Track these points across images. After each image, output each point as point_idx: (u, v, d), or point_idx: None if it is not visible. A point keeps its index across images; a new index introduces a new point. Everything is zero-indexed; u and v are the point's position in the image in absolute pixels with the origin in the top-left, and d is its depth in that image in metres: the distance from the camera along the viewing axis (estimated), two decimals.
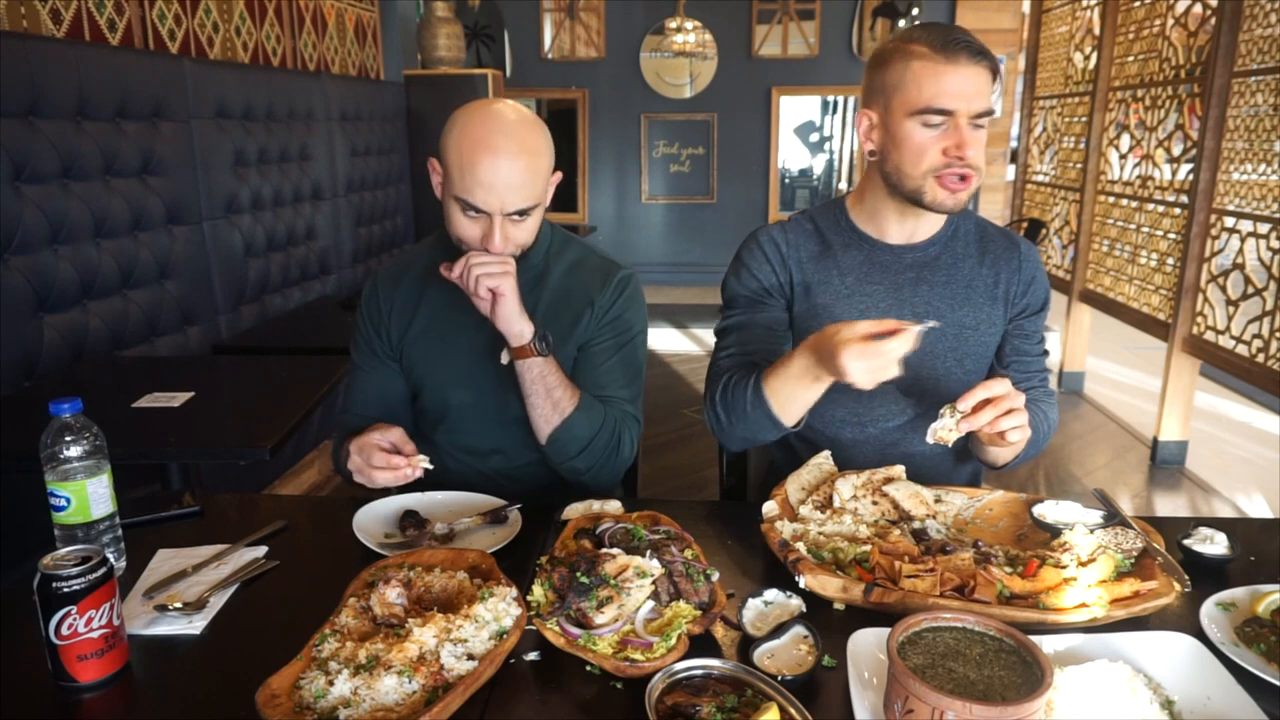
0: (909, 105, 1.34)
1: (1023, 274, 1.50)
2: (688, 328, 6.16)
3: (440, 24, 4.92)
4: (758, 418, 1.36)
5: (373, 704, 0.86)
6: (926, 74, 1.32)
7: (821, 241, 1.51)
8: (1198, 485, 3.63)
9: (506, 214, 1.34)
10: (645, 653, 0.93)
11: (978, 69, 1.31)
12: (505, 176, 1.31)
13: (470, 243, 1.37)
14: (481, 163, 1.30)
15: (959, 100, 1.31)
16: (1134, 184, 4.19)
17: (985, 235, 1.52)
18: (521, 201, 1.34)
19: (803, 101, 7.27)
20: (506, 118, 1.34)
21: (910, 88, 1.33)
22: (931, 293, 1.47)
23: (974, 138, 1.33)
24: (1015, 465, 1.49)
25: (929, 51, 1.32)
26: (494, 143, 1.31)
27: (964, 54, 1.30)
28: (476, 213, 1.34)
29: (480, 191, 1.31)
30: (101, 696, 0.93)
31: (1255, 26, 3.27)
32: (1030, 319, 1.52)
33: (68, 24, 2.53)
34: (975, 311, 1.48)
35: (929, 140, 1.34)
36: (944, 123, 1.33)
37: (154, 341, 2.69)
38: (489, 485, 1.44)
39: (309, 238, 3.77)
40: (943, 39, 1.31)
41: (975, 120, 1.33)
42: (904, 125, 1.35)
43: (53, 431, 1.08)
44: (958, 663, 0.84)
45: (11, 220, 2.15)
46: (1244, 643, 0.98)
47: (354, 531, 1.23)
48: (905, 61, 1.34)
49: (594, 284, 1.52)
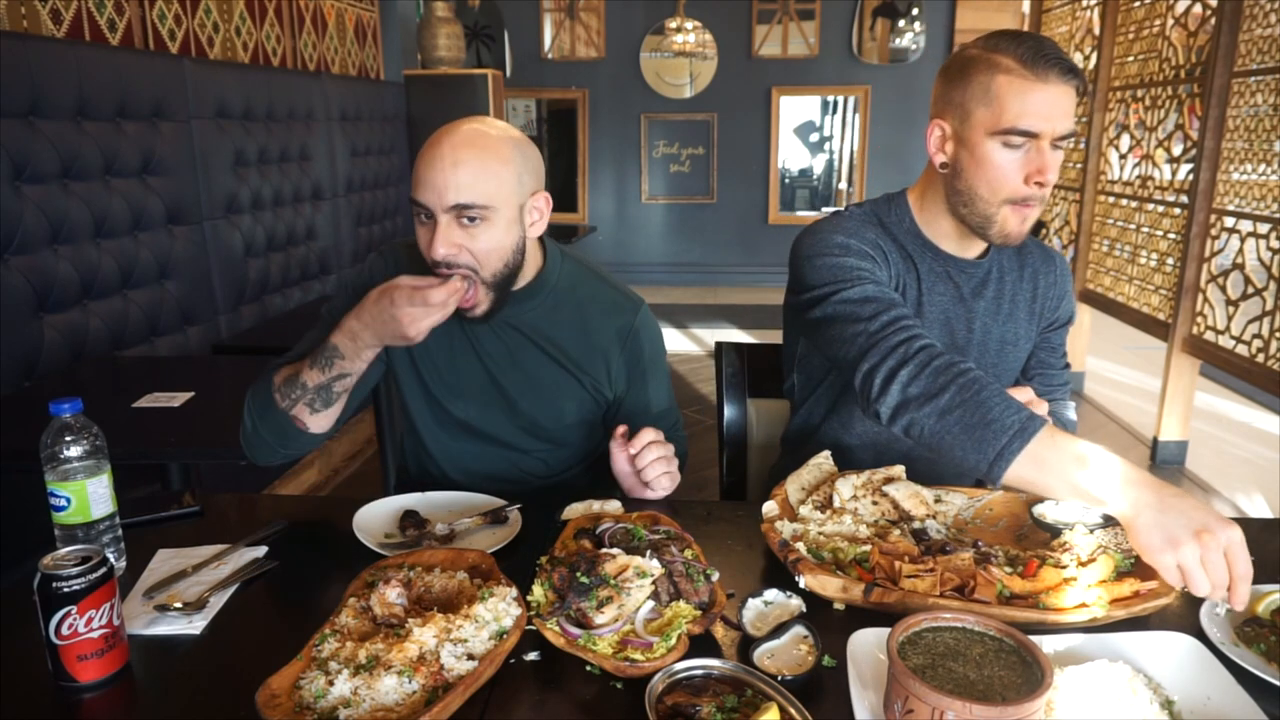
0: (992, 123, 1.25)
1: (1057, 289, 1.49)
2: (688, 328, 6.16)
3: (440, 24, 4.92)
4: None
5: (373, 704, 0.86)
6: (1013, 91, 1.23)
7: (891, 239, 1.41)
8: (1198, 485, 3.63)
9: (448, 209, 1.24)
10: (645, 653, 0.93)
11: (1066, 88, 1.23)
12: (447, 170, 1.23)
13: (424, 252, 1.29)
14: (426, 159, 1.26)
15: (1045, 121, 1.23)
16: (1134, 184, 4.19)
17: (1023, 247, 1.49)
18: (465, 197, 1.24)
19: (803, 101, 7.27)
20: (471, 125, 1.29)
21: (995, 104, 1.24)
22: (983, 307, 1.44)
23: (1054, 161, 1.26)
24: None
25: (1017, 66, 1.23)
26: (445, 139, 1.26)
27: (1055, 71, 1.22)
28: (427, 216, 1.27)
29: (422, 187, 1.25)
30: (101, 696, 0.93)
31: (1255, 26, 3.27)
32: (1057, 332, 1.52)
33: (68, 24, 2.53)
34: (1015, 327, 1.47)
35: (1010, 163, 1.26)
36: (1026, 144, 1.25)
37: (154, 341, 2.69)
38: (489, 489, 1.44)
39: (309, 238, 3.77)
40: (1033, 53, 1.22)
41: (1057, 142, 1.26)
42: (984, 144, 1.27)
43: (53, 431, 1.08)
44: (958, 663, 0.84)
45: (11, 220, 2.15)
46: (1244, 643, 0.98)
47: (354, 531, 1.23)
48: (990, 74, 1.25)
49: (611, 327, 1.47)
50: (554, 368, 1.46)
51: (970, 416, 1.09)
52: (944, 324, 1.41)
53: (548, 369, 1.46)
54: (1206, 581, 0.94)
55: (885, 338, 1.21)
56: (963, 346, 1.43)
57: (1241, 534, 0.94)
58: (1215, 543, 0.93)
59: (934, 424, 1.12)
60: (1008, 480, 1.07)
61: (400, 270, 1.34)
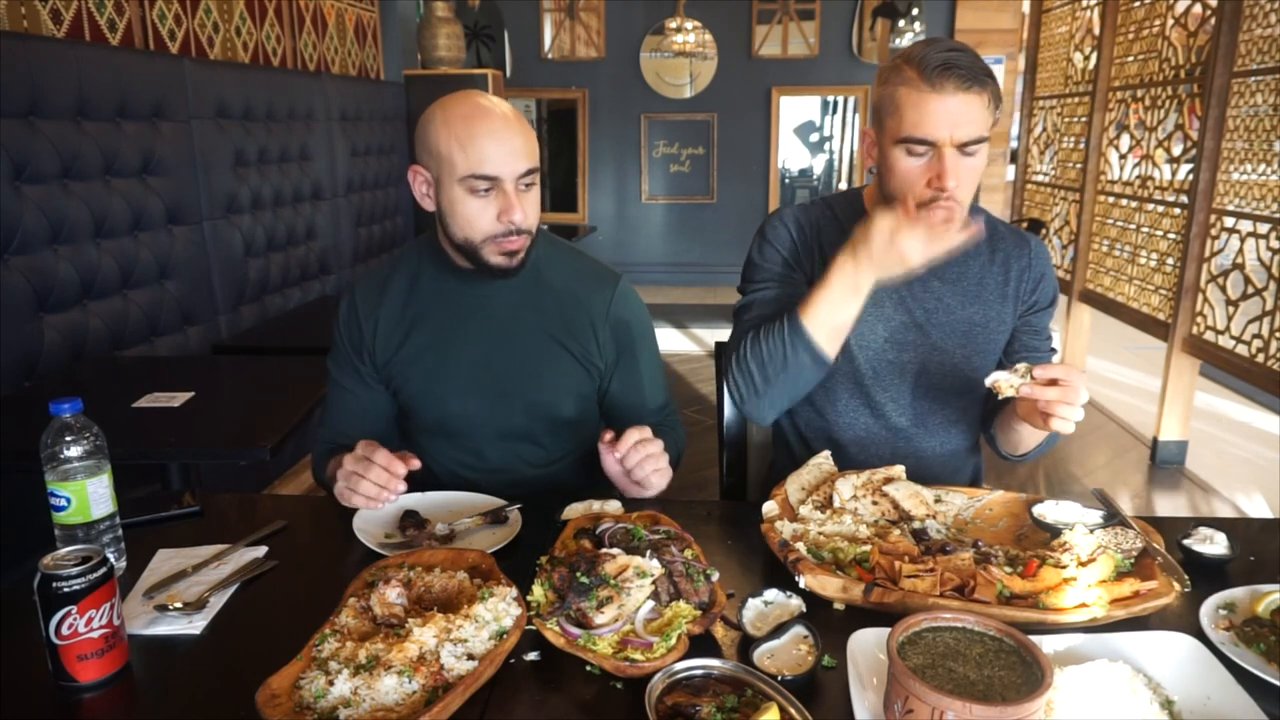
0: (895, 131, 1.32)
1: (1033, 271, 1.50)
2: (688, 328, 6.16)
3: (440, 24, 4.91)
4: (797, 358, 1.33)
5: (373, 704, 0.86)
6: (910, 101, 1.29)
7: (841, 231, 1.47)
8: (1198, 485, 3.63)
9: (520, 175, 1.33)
10: (645, 653, 0.93)
11: (965, 96, 1.27)
12: (515, 138, 1.32)
13: (487, 227, 1.35)
14: (481, 130, 1.31)
15: (942, 130, 1.27)
16: (1134, 184, 4.19)
17: (995, 233, 1.52)
18: (528, 162, 1.33)
19: (803, 101, 7.27)
20: (485, 96, 1.36)
21: (897, 113, 1.31)
22: (943, 289, 1.48)
23: (961, 166, 1.30)
24: (1029, 459, 1.49)
25: (916, 76, 1.28)
26: (486, 108, 1.33)
27: (951, 81, 1.26)
28: (488, 186, 1.33)
29: (489, 160, 1.31)
30: (101, 696, 0.93)
31: (1255, 26, 3.27)
32: (1038, 315, 1.52)
33: (68, 24, 2.53)
34: (985, 309, 1.48)
35: (913, 169, 1.32)
36: (928, 151, 1.30)
37: (154, 341, 2.69)
38: (491, 491, 1.44)
39: (309, 238, 3.77)
40: (932, 62, 1.27)
41: (965, 148, 1.30)
42: (892, 151, 1.33)
43: (53, 431, 1.08)
44: (958, 663, 0.84)
45: (11, 220, 2.15)
46: (1244, 643, 0.98)
47: (354, 531, 1.23)
48: (895, 84, 1.31)
49: (595, 300, 1.51)
50: (543, 340, 1.48)
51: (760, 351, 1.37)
52: (898, 302, 1.46)
53: (536, 342, 1.47)
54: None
55: (736, 345, 1.42)
56: (922, 325, 1.47)
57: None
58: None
59: (750, 371, 1.39)
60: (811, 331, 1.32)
61: (370, 301, 1.48)
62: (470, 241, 1.37)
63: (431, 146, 1.34)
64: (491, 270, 1.40)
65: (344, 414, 1.52)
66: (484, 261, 1.39)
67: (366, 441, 1.30)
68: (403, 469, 1.26)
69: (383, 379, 1.50)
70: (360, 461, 1.27)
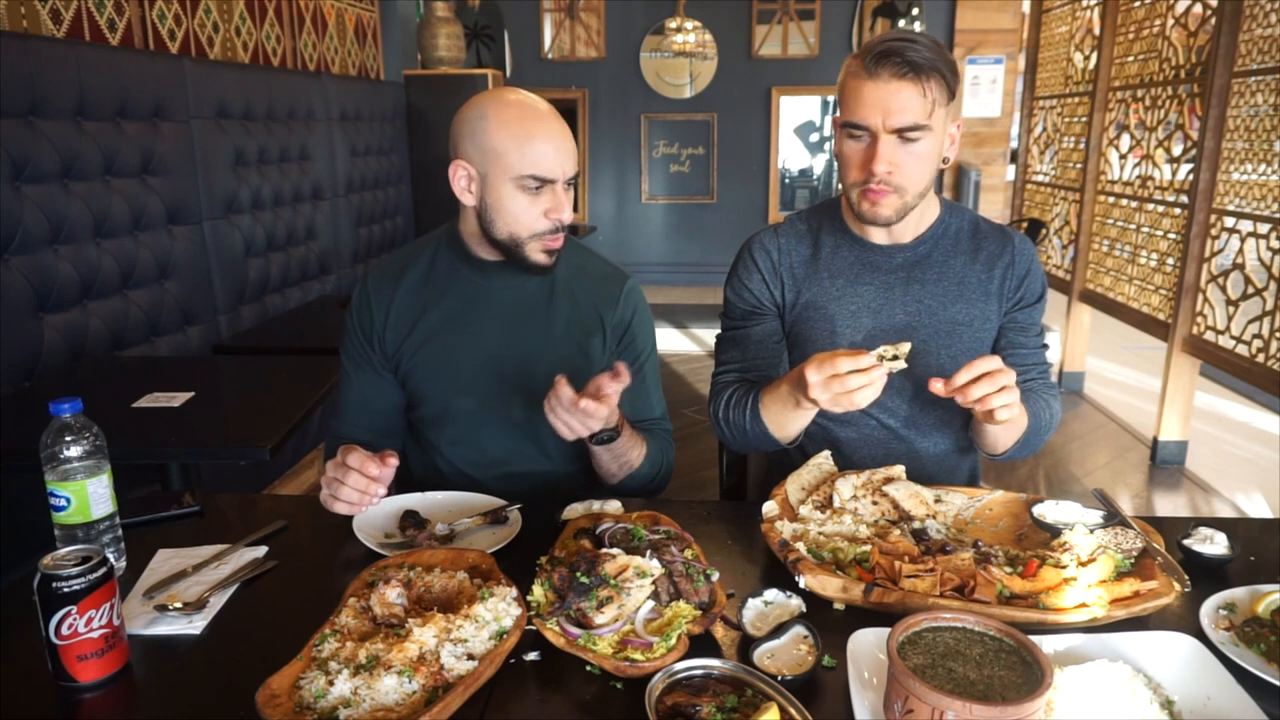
0: (840, 117, 1.38)
1: (1016, 267, 1.50)
2: (688, 328, 6.15)
3: (440, 24, 4.92)
4: (758, 436, 1.44)
5: (373, 704, 0.86)
6: (849, 88, 1.35)
7: (814, 244, 1.52)
8: (1198, 485, 3.63)
9: (570, 177, 1.38)
10: (645, 653, 0.93)
11: (900, 83, 1.30)
12: (564, 140, 1.36)
13: (534, 225, 1.38)
14: (539, 132, 1.34)
15: (874, 115, 1.31)
16: (1134, 184, 4.19)
17: (979, 232, 1.52)
18: (575, 165, 1.39)
19: (803, 101, 7.26)
20: (531, 95, 1.40)
21: (841, 100, 1.37)
22: (923, 290, 1.48)
23: (897, 153, 1.33)
24: (1017, 456, 1.48)
25: (857, 65, 1.33)
26: (542, 110, 1.37)
27: (887, 69, 1.30)
28: (539, 187, 1.36)
29: (548, 161, 1.34)
30: (101, 696, 0.93)
31: (1255, 26, 3.27)
32: (1025, 311, 1.52)
33: (68, 24, 2.53)
34: (968, 308, 1.48)
35: (852, 153, 1.37)
36: (864, 136, 1.34)
37: (154, 341, 2.69)
38: (491, 488, 1.44)
39: (309, 238, 3.77)
40: (875, 51, 1.31)
41: (905, 134, 1.32)
42: (837, 135, 1.39)
43: (53, 431, 1.08)
44: (958, 663, 0.84)
45: (11, 220, 2.15)
46: (1244, 643, 0.98)
47: (354, 531, 1.23)
48: (844, 73, 1.38)
49: (603, 298, 1.52)
50: (549, 335, 1.48)
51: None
52: (874, 311, 1.48)
53: (543, 337, 1.48)
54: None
55: (715, 400, 1.51)
56: (902, 329, 1.48)
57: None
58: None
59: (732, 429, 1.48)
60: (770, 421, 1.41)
61: (385, 288, 1.50)
62: (516, 237, 1.39)
63: (483, 143, 1.35)
64: (530, 267, 1.42)
65: (354, 404, 1.53)
66: (525, 258, 1.41)
67: (346, 445, 1.29)
68: (377, 470, 1.23)
69: (392, 365, 1.51)
70: (339, 468, 1.25)
